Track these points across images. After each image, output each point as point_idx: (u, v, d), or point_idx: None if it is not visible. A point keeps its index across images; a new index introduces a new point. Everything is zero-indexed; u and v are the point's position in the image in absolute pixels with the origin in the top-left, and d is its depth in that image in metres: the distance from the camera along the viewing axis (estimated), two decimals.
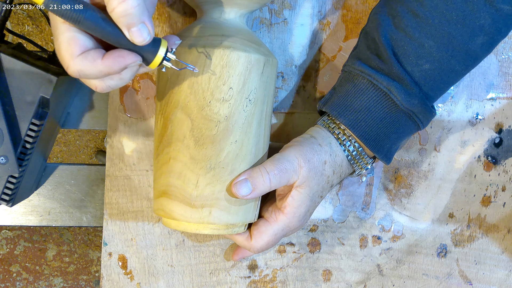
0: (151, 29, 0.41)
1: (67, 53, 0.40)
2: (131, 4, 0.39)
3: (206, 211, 0.51)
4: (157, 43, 0.43)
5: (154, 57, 0.43)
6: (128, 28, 0.40)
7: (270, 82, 0.53)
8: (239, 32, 0.52)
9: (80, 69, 0.41)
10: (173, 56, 0.44)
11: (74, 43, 0.40)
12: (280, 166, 0.51)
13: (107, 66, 0.41)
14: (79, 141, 1.53)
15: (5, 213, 0.65)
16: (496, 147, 0.65)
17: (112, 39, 0.41)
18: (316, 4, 0.62)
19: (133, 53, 0.42)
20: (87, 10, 0.39)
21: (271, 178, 0.51)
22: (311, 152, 0.53)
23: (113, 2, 0.39)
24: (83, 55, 0.40)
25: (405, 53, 0.51)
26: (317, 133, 0.55)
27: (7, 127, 0.51)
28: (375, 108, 0.53)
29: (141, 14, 0.40)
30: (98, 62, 0.41)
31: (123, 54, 0.41)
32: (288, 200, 0.53)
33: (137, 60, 0.42)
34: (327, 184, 0.54)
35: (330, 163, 0.54)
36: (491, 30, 0.51)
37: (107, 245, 0.63)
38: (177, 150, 0.51)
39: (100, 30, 0.40)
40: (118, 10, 0.39)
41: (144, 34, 0.41)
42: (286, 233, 0.55)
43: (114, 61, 0.41)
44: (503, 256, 0.66)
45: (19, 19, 1.44)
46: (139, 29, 0.40)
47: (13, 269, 1.51)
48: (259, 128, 0.53)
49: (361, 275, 0.65)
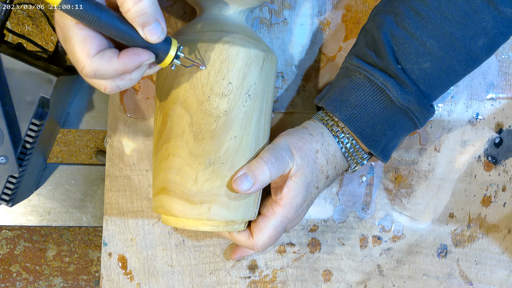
0: (165, 27, 0.43)
1: (83, 52, 0.41)
2: (147, 4, 0.40)
3: (205, 207, 0.51)
4: (168, 42, 0.45)
5: (166, 55, 0.44)
6: (143, 27, 0.41)
7: (269, 78, 0.53)
8: (238, 28, 0.52)
9: (97, 68, 0.41)
10: (182, 54, 0.46)
11: (90, 43, 0.41)
12: (276, 154, 0.52)
13: (123, 64, 0.41)
14: (79, 141, 1.53)
15: (5, 213, 0.65)
16: (496, 147, 0.65)
17: (127, 38, 0.42)
18: (316, 4, 0.62)
19: (147, 51, 0.43)
20: (102, 11, 0.40)
21: (270, 168, 0.51)
22: (301, 141, 0.53)
23: (129, 3, 0.40)
24: (99, 55, 0.41)
25: (406, 50, 0.51)
26: (309, 124, 0.56)
27: (7, 127, 0.51)
28: (371, 103, 0.53)
29: (155, 13, 0.41)
30: (114, 61, 0.41)
31: (138, 52, 0.42)
32: (284, 191, 0.53)
33: (151, 58, 0.43)
34: (322, 174, 0.54)
35: (322, 152, 0.54)
36: (493, 32, 0.51)
37: (107, 245, 0.63)
38: (176, 145, 0.51)
39: (114, 29, 0.41)
40: (133, 9, 0.40)
41: (158, 32, 0.42)
42: (285, 225, 0.55)
43: (130, 59, 0.42)
44: (504, 256, 0.66)
45: (19, 19, 1.44)
46: (154, 28, 0.42)
47: (13, 269, 1.51)
48: (258, 124, 0.53)
49: (361, 275, 0.65)
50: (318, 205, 0.64)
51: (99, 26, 0.40)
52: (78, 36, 0.41)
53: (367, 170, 0.64)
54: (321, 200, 0.64)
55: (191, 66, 0.49)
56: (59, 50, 0.59)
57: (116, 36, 0.42)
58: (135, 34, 0.42)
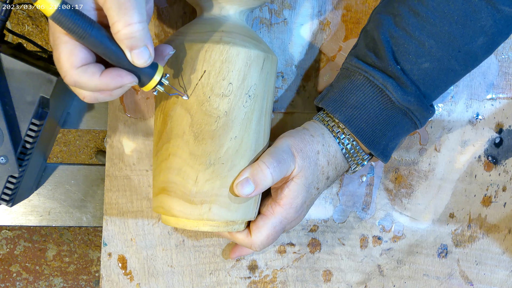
0: (152, 52, 0.43)
1: (67, 63, 0.41)
2: (137, 28, 0.41)
3: (205, 207, 0.51)
4: (155, 67, 0.45)
5: (150, 80, 0.45)
6: (131, 49, 0.42)
7: (270, 78, 0.53)
8: (239, 28, 0.52)
9: (77, 80, 0.42)
10: (166, 81, 0.46)
11: (76, 55, 0.41)
12: (278, 157, 0.51)
13: (104, 83, 0.42)
14: (79, 141, 1.53)
15: (5, 213, 0.65)
16: (496, 147, 0.65)
17: (113, 58, 0.42)
18: (316, 4, 0.62)
19: (131, 74, 0.43)
20: (93, 28, 0.40)
21: (272, 172, 0.51)
22: (302, 142, 0.53)
23: (119, 25, 0.40)
24: (82, 68, 0.42)
25: (405, 51, 0.51)
26: (310, 125, 0.56)
27: (7, 127, 0.51)
28: (371, 104, 0.53)
29: (144, 37, 0.42)
30: (96, 78, 0.42)
31: (121, 74, 0.43)
32: (285, 191, 0.53)
33: (133, 81, 0.44)
34: (322, 175, 0.54)
35: (323, 153, 0.54)
36: (492, 31, 0.51)
37: (106, 245, 0.63)
38: (176, 146, 0.51)
39: (102, 48, 0.41)
40: (123, 32, 0.40)
41: (145, 56, 0.42)
42: (284, 225, 0.55)
43: (112, 79, 0.42)
44: (504, 256, 0.66)
45: (19, 19, 1.44)
46: (141, 52, 0.42)
47: (13, 269, 1.51)
48: (259, 124, 0.53)
49: (361, 275, 0.65)
50: (318, 205, 0.64)
51: (88, 42, 0.41)
52: (66, 46, 0.41)
53: (367, 170, 0.64)
54: (321, 200, 0.64)
55: (174, 94, 0.50)
56: None
57: (103, 54, 0.42)
58: (122, 56, 0.42)
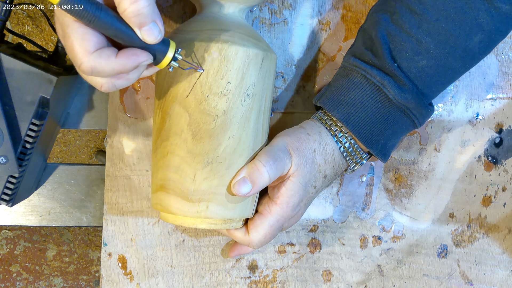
0: (162, 28, 0.42)
1: (82, 49, 0.41)
2: (143, 4, 0.40)
3: (203, 205, 0.51)
4: (167, 44, 0.45)
5: (164, 57, 0.45)
6: (140, 27, 0.41)
7: (268, 77, 0.53)
8: (238, 27, 0.52)
9: (94, 65, 0.41)
10: (179, 56, 0.46)
11: (89, 40, 0.41)
12: (274, 156, 0.51)
13: (121, 64, 0.42)
14: (79, 141, 1.53)
15: (5, 213, 0.65)
16: (496, 147, 0.65)
17: (124, 38, 0.42)
18: (316, 4, 0.62)
19: (145, 52, 0.43)
20: (101, 10, 0.40)
21: (269, 171, 0.51)
22: (298, 141, 0.53)
23: (125, 3, 0.40)
24: (97, 52, 0.41)
25: (402, 49, 0.51)
26: (307, 124, 0.56)
27: (7, 127, 0.51)
28: (369, 102, 0.53)
29: (152, 13, 0.41)
30: (112, 60, 0.41)
31: (136, 52, 0.42)
32: (281, 190, 0.53)
33: (149, 59, 0.43)
34: (319, 173, 0.54)
35: (320, 151, 0.54)
36: (489, 29, 0.51)
37: (106, 245, 0.63)
38: (174, 144, 0.51)
39: (113, 29, 0.41)
40: (130, 10, 0.40)
41: (155, 32, 0.42)
42: (282, 224, 0.55)
43: (128, 59, 0.42)
44: (504, 256, 0.66)
45: (19, 19, 1.44)
46: (151, 28, 0.42)
47: (13, 269, 1.51)
48: (257, 123, 0.53)
49: (361, 275, 0.65)
50: (318, 205, 0.64)
51: (98, 25, 0.40)
52: (78, 32, 0.41)
53: (367, 170, 0.64)
54: (321, 200, 0.64)
55: (189, 68, 0.49)
56: (59, 50, 0.59)
57: (114, 35, 0.42)
58: (133, 35, 0.42)
